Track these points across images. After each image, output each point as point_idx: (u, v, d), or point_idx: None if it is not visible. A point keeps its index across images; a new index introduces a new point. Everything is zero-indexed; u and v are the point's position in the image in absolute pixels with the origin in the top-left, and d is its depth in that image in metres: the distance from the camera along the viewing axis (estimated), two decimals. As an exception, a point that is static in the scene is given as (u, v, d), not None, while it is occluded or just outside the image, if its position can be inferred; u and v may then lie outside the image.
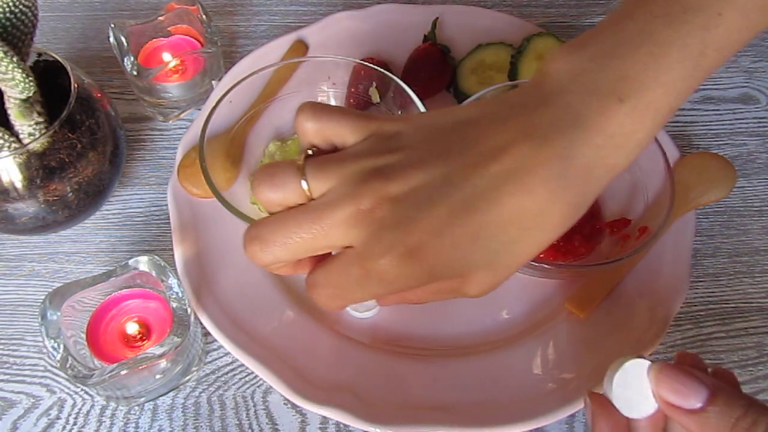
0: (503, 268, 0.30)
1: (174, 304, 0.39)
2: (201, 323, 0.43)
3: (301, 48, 0.56)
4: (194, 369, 0.43)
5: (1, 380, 0.43)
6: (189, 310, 0.39)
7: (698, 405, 0.29)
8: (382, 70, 0.47)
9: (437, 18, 0.57)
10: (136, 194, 0.51)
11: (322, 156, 0.30)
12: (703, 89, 0.59)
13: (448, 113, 0.31)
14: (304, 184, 0.29)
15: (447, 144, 0.29)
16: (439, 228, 0.28)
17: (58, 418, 0.42)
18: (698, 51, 0.29)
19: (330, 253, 0.31)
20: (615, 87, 0.28)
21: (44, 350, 0.44)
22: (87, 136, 0.43)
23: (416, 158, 0.29)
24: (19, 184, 0.41)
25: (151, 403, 0.42)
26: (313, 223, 0.29)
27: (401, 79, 0.45)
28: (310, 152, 0.31)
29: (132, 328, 0.41)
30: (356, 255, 0.29)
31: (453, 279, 0.30)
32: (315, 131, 0.31)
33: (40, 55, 0.44)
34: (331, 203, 0.29)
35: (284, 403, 0.43)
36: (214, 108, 0.45)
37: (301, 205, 0.30)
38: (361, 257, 0.28)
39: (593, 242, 0.46)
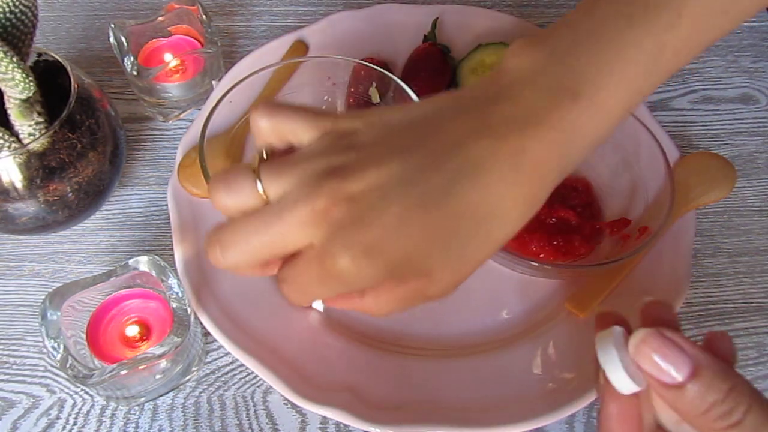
0: (463, 265, 0.30)
1: (174, 304, 0.39)
2: (201, 323, 0.43)
3: (301, 48, 0.56)
4: (194, 369, 0.43)
5: (1, 380, 0.43)
6: (189, 310, 0.39)
7: (678, 379, 0.27)
8: (382, 70, 0.47)
9: (437, 18, 0.57)
10: (136, 194, 0.51)
11: (278, 159, 0.30)
12: (703, 89, 0.59)
13: (405, 109, 0.31)
14: (259, 187, 0.29)
15: (403, 141, 0.29)
16: (395, 225, 0.28)
17: (58, 418, 0.42)
18: (655, 51, 0.29)
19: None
20: (569, 84, 0.29)
21: (44, 350, 0.44)
22: (87, 136, 0.43)
23: (372, 156, 0.29)
24: (19, 184, 0.41)
25: (151, 403, 0.42)
26: (269, 227, 0.29)
27: (401, 79, 0.45)
28: (264, 155, 0.31)
29: (132, 328, 0.41)
30: (316, 254, 0.29)
31: (413, 280, 0.29)
32: (270, 129, 0.31)
33: (40, 55, 0.44)
34: (287, 206, 0.29)
35: (284, 403, 0.43)
36: (214, 108, 0.45)
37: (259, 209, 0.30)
38: (320, 256, 0.28)
39: (593, 242, 0.46)
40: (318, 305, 0.33)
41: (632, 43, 0.29)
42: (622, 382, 0.28)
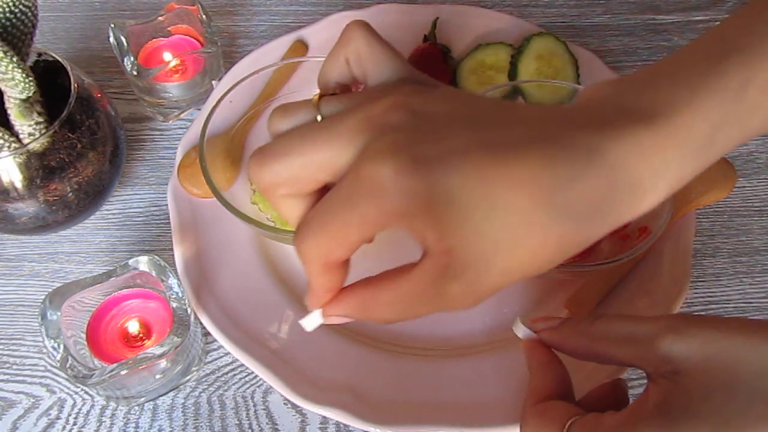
0: (499, 256, 0.26)
1: (174, 304, 0.39)
2: (201, 323, 0.43)
3: (301, 48, 0.56)
4: (194, 369, 0.43)
5: (1, 380, 0.43)
6: (189, 310, 0.39)
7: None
8: (382, 70, 0.47)
9: (437, 18, 0.57)
10: (136, 194, 0.51)
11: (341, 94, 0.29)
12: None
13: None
14: (318, 115, 0.27)
15: (483, 102, 0.28)
16: (453, 149, 0.25)
17: (58, 418, 0.42)
18: (738, 83, 0.27)
19: None
20: (647, 106, 0.27)
21: (44, 350, 0.44)
22: (87, 136, 0.43)
23: (447, 99, 0.27)
24: (19, 184, 0.41)
25: (151, 403, 0.42)
26: (316, 132, 0.26)
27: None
28: (330, 93, 0.29)
29: (132, 328, 0.41)
30: (353, 165, 0.25)
31: (439, 252, 0.26)
32: (363, 46, 0.29)
33: (40, 55, 0.44)
34: (340, 113, 0.27)
35: (284, 403, 0.43)
36: (214, 108, 0.45)
37: None
38: (357, 162, 0.25)
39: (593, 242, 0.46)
40: (314, 320, 0.31)
41: (714, 75, 0.27)
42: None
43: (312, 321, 0.31)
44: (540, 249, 0.26)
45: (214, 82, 0.55)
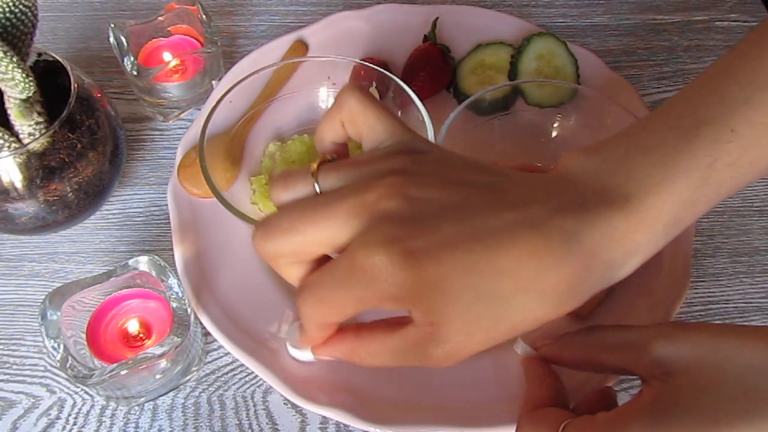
0: (480, 330, 0.28)
1: (174, 304, 0.39)
2: (201, 323, 0.43)
3: (301, 48, 0.56)
4: (194, 369, 0.43)
5: (1, 380, 0.43)
6: (189, 310, 0.39)
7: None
8: (382, 70, 0.47)
9: (437, 18, 0.57)
10: (136, 194, 0.51)
11: (338, 161, 0.30)
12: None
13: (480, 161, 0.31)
14: (315, 186, 0.29)
15: (473, 177, 0.29)
16: (443, 242, 0.27)
17: (58, 418, 0.42)
18: (707, 164, 0.29)
19: None
20: (621, 187, 0.29)
21: (44, 350, 0.44)
22: (87, 136, 0.43)
23: (438, 175, 0.29)
24: (19, 184, 0.41)
25: (151, 403, 0.42)
26: (315, 212, 0.28)
27: (401, 79, 0.45)
28: (328, 158, 0.31)
29: (132, 328, 0.41)
30: (349, 249, 0.27)
31: (422, 324, 0.28)
32: (356, 111, 0.31)
33: (40, 55, 0.44)
34: (338, 194, 0.28)
35: (284, 403, 0.43)
36: (214, 108, 0.45)
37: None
38: (353, 248, 0.27)
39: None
40: (306, 356, 0.33)
41: (684, 154, 0.29)
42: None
43: (303, 355, 0.34)
44: (519, 323, 0.29)
45: (214, 82, 0.55)
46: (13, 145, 0.40)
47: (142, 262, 0.40)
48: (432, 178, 0.28)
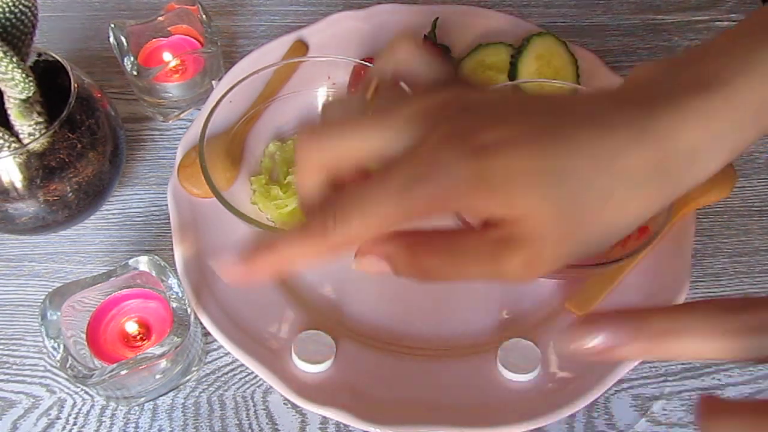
0: (565, 223, 0.25)
1: (174, 304, 0.39)
2: (201, 323, 0.43)
3: (301, 48, 0.56)
4: (194, 369, 0.43)
5: (1, 380, 0.43)
6: (189, 310, 0.39)
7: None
8: (382, 70, 0.47)
9: (437, 18, 0.57)
10: (136, 194, 0.51)
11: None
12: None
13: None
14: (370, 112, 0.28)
15: (531, 99, 0.28)
16: (512, 132, 0.25)
17: (58, 418, 0.42)
18: None
19: None
20: (699, 75, 0.27)
21: (44, 350, 0.44)
22: (87, 136, 0.43)
23: (496, 92, 0.28)
24: (19, 184, 0.41)
25: (151, 403, 0.42)
26: (371, 119, 0.27)
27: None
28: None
29: (132, 328, 0.41)
30: (414, 148, 0.25)
31: (500, 224, 0.25)
32: (413, 49, 0.30)
33: (40, 55, 0.44)
34: (395, 105, 0.27)
35: (284, 403, 0.43)
36: (214, 108, 0.45)
37: None
38: (422, 146, 0.25)
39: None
40: (313, 368, 0.29)
41: (763, 47, 0.27)
42: None
43: (311, 367, 0.31)
44: (609, 218, 0.26)
45: (214, 82, 0.55)
46: (13, 145, 0.40)
47: (142, 262, 0.40)
48: (489, 93, 0.28)
